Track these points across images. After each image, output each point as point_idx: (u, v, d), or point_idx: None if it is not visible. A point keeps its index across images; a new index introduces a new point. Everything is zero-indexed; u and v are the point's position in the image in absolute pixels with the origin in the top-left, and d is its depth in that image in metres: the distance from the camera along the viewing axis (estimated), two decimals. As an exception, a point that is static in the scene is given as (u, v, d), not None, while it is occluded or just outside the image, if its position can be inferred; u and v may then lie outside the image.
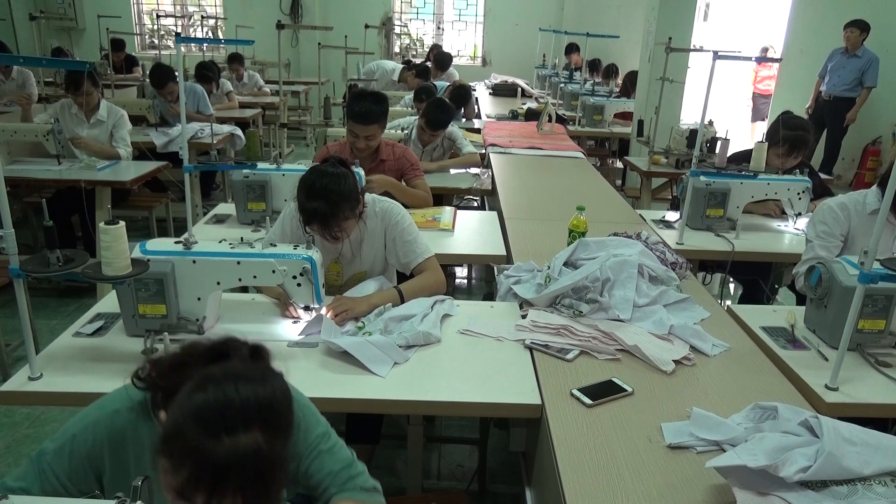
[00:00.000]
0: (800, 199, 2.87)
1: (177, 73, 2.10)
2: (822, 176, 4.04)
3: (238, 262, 1.78)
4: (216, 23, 9.93)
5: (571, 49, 8.03)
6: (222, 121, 5.58)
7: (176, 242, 1.81)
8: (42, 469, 1.15)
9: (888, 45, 6.66)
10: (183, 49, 2.47)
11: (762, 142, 3.03)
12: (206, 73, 6.06)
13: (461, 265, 4.41)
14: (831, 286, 1.87)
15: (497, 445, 2.57)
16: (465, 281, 4.47)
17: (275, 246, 1.82)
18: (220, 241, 1.86)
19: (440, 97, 4.28)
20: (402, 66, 7.03)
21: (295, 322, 1.93)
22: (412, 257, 2.15)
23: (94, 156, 3.86)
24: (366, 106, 2.82)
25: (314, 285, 1.79)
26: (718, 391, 1.66)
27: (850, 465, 1.21)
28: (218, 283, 1.81)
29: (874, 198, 2.31)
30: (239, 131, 5.16)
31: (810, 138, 3.15)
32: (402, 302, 2.02)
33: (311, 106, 8.73)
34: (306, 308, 1.87)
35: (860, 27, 6.36)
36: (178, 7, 10.60)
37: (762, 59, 4.72)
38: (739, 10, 10.44)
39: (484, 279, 4.35)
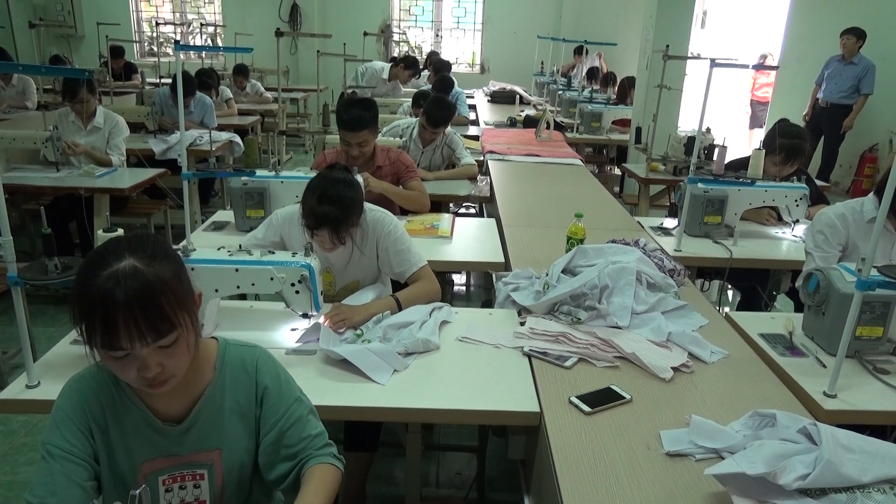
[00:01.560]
0: (797, 205, 2.88)
1: (177, 81, 2.10)
2: (820, 183, 4.06)
3: (236, 270, 1.78)
4: (215, 30, 9.96)
5: (581, 51, 8.04)
6: (221, 128, 5.59)
7: (174, 250, 1.80)
8: (49, 453, 1.16)
9: (884, 52, 6.69)
10: (182, 56, 2.48)
11: (759, 149, 3.05)
12: (206, 79, 6.07)
13: (459, 272, 4.40)
14: (829, 293, 1.87)
15: (496, 453, 2.57)
16: (464, 288, 4.47)
17: (273, 254, 1.82)
18: (218, 249, 1.86)
19: (439, 95, 4.29)
20: (390, 63, 7.06)
21: (294, 330, 1.93)
22: (406, 266, 2.16)
23: (91, 162, 3.86)
24: (354, 113, 2.83)
25: (312, 293, 1.79)
26: (717, 398, 1.66)
27: (849, 472, 1.21)
28: (216, 291, 1.81)
29: (871, 206, 2.32)
30: (238, 138, 5.17)
31: (807, 146, 3.16)
32: (400, 311, 2.02)
33: (309, 113, 8.75)
34: (304, 315, 1.86)
35: (856, 35, 6.40)
36: (178, 15, 10.64)
37: (759, 67, 4.74)
38: (737, 17, 10.49)
39: (482, 286, 4.35)
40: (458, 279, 4.50)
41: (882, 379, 1.77)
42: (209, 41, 9.65)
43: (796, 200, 2.87)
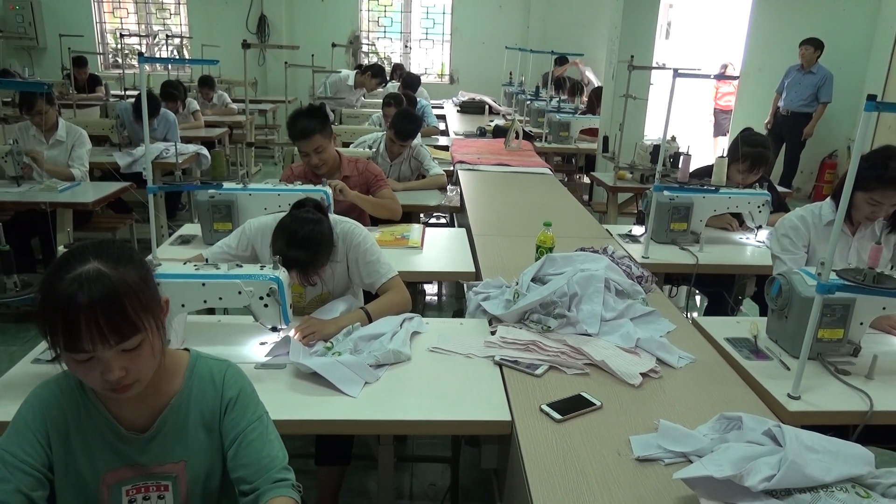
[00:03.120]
0: (760, 212, 2.94)
1: (140, 93, 2.08)
2: (782, 189, 4.15)
3: (203, 284, 1.76)
4: (181, 42, 9.85)
5: (563, 61, 8.11)
6: (188, 140, 5.52)
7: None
8: (1, 459, 1.14)
9: (841, 62, 6.90)
10: (148, 68, 2.45)
11: (723, 157, 3.11)
12: (172, 91, 6.00)
13: (431, 282, 4.40)
14: (791, 297, 1.92)
15: (469, 463, 2.56)
16: (436, 298, 4.46)
17: (240, 267, 1.80)
18: (184, 263, 1.83)
19: (406, 108, 4.31)
20: (355, 71, 7.06)
21: (262, 344, 1.91)
22: (376, 278, 2.16)
23: (53, 176, 3.78)
24: (301, 122, 2.85)
25: (281, 306, 1.78)
26: (685, 403, 1.69)
27: (813, 472, 1.24)
28: (183, 306, 1.78)
29: (829, 209, 2.38)
30: (205, 151, 5.11)
31: (770, 154, 3.23)
32: (370, 322, 2.02)
33: (278, 125, 8.70)
34: (274, 329, 1.84)
35: (814, 45, 6.59)
36: (143, 26, 10.50)
37: (721, 77, 4.84)
38: (700, 28, 10.73)
39: (454, 296, 4.36)
40: (430, 289, 4.50)
41: (843, 380, 1.81)
42: (175, 53, 9.56)
43: (759, 207, 2.94)
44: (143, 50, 10.03)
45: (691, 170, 3.46)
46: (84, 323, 1.02)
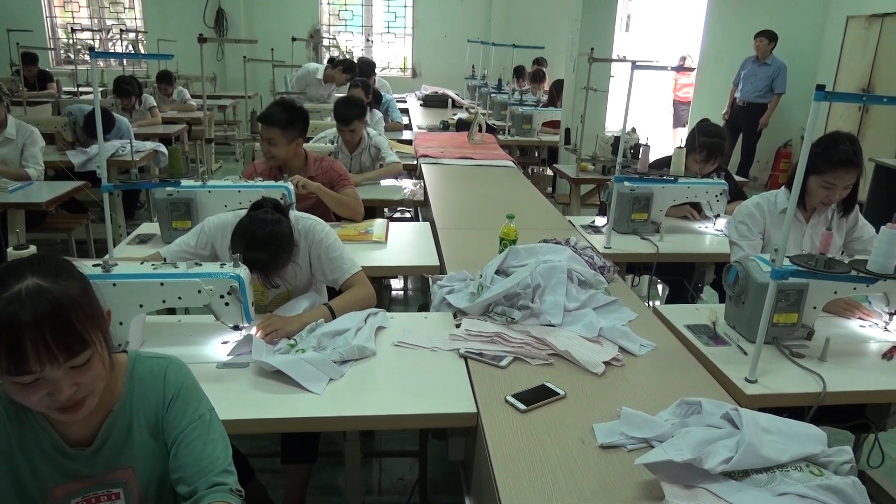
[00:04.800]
0: (718, 201, 3.01)
1: (91, 91, 2.03)
2: (739, 178, 4.25)
3: (161, 284, 1.72)
4: (136, 36, 9.62)
5: (521, 71, 8.15)
6: (145, 137, 5.40)
7: (94, 265, 1.73)
8: None
9: (793, 53, 7.09)
10: (102, 64, 2.38)
11: (681, 147, 3.17)
12: (126, 87, 5.87)
13: (396, 277, 4.39)
14: (747, 283, 1.96)
15: (437, 456, 2.57)
16: (402, 293, 4.46)
17: (200, 265, 1.77)
18: (141, 262, 1.80)
19: (347, 95, 4.30)
20: (325, 64, 6.97)
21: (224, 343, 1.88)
22: (339, 273, 2.14)
23: (4, 176, 3.66)
24: (271, 110, 2.88)
25: (243, 304, 1.76)
26: (646, 390, 1.72)
27: (769, 453, 1.27)
28: (141, 306, 1.74)
29: (784, 197, 2.44)
30: (163, 148, 5.00)
31: (726, 144, 3.30)
32: (334, 319, 2.00)
33: (239, 120, 8.57)
34: (235, 327, 1.82)
35: (769, 37, 6.76)
36: (96, 21, 10.21)
37: (678, 69, 4.94)
38: (659, 21, 10.88)
39: (420, 290, 4.36)
40: (396, 284, 4.49)
41: (798, 363, 1.86)
42: (130, 48, 9.32)
43: (716, 196, 3.00)
44: (97, 45, 9.77)
45: (651, 160, 3.52)
46: (30, 342, 0.97)
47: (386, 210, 3.92)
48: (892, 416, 2.10)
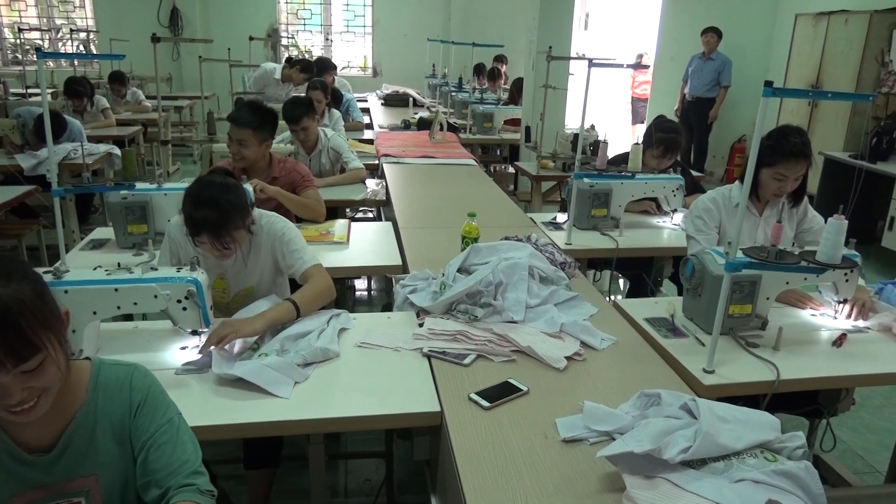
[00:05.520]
0: (675, 195, 3.06)
1: (40, 93, 1.97)
2: (696, 173, 4.33)
3: (116, 290, 1.69)
4: (88, 36, 9.36)
5: (481, 69, 8.17)
6: (99, 139, 5.26)
7: (45, 272, 1.68)
8: None
9: (745, 49, 7.33)
10: (52, 64, 2.31)
11: (637, 144, 3.22)
12: (77, 88, 5.71)
13: (359, 277, 4.37)
14: (703, 276, 2.01)
15: (403, 456, 2.57)
16: (366, 293, 4.44)
17: (155, 270, 1.73)
18: (94, 268, 1.75)
19: (295, 95, 4.27)
20: (283, 64, 6.88)
21: (183, 348, 1.85)
22: (299, 264, 2.12)
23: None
24: (242, 112, 2.84)
25: (201, 308, 1.73)
26: (608, 383, 1.74)
27: (725, 441, 1.30)
28: (95, 314, 1.70)
29: (738, 191, 2.50)
30: (117, 150, 4.88)
31: (682, 140, 3.37)
32: (298, 312, 1.96)
33: (196, 121, 8.41)
34: (194, 332, 1.79)
35: (716, 33, 7.03)
36: (45, 20, 9.91)
37: (634, 66, 5.00)
38: (617, 19, 11.04)
39: (384, 290, 4.34)
40: (360, 284, 4.47)
41: (752, 352, 1.91)
42: (81, 48, 9.06)
43: (673, 191, 3.06)
44: (46, 45, 9.48)
45: (610, 157, 3.57)
46: None
47: (348, 210, 3.89)
48: (842, 402, 2.18)
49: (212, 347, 1.75)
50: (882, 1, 5.70)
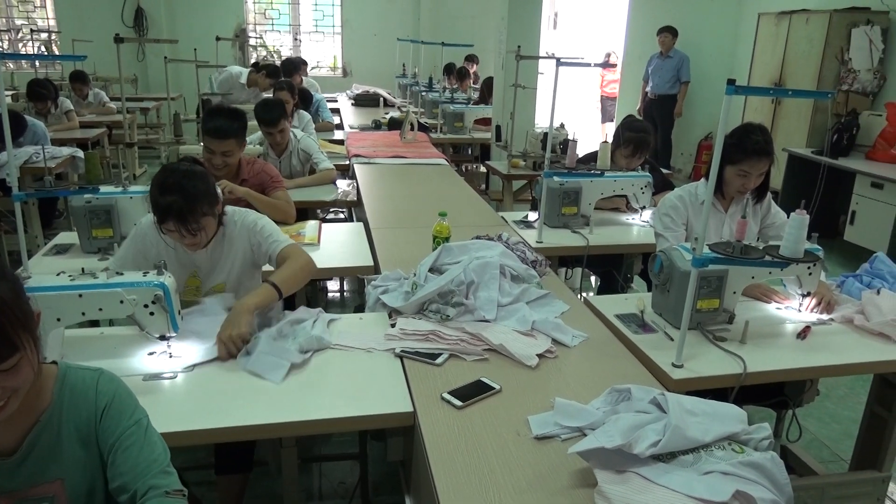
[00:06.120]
0: (643, 193, 3.10)
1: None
2: (664, 171, 4.39)
3: (80, 296, 1.65)
4: (49, 37, 9.15)
5: (451, 69, 8.15)
6: (62, 142, 5.15)
7: (5, 279, 1.64)
8: None
9: (713, 49, 7.49)
10: (12, 66, 2.26)
11: (605, 142, 3.25)
12: (40, 90, 5.58)
13: (331, 279, 4.35)
14: (672, 272, 2.03)
15: (378, 458, 2.56)
16: (338, 294, 4.41)
17: (121, 274, 1.70)
18: (58, 274, 1.71)
19: (266, 98, 4.22)
20: (249, 69, 6.80)
21: (151, 354, 1.82)
22: (275, 246, 2.11)
23: None
24: (220, 122, 2.78)
25: (169, 313, 1.70)
26: (579, 379, 1.76)
27: (694, 434, 1.32)
28: (58, 320, 1.66)
29: (704, 189, 2.54)
30: (81, 153, 4.78)
31: (651, 139, 3.41)
32: (280, 293, 1.95)
33: (163, 123, 8.28)
34: (162, 338, 1.76)
35: (671, 32, 7.23)
36: (4, 20, 9.66)
37: (601, 65, 5.07)
38: (586, 18, 11.14)
39: (357, 291, 4.32)
40: (332, 285, 4.44)
41: (720, 346, 1.94)
42: (42, 48, 8.87)
43: (642, 188, 3.10)
44: (5, 46, 9.25)
45: (580, 155, 3.60)
46: None
47: (319, 211, 3.86)
48: (807, 393, 2.23)
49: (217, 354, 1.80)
50: (841, 0, 5.84)
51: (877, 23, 5.62)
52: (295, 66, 6.69)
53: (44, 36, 9.13)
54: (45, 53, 8.58)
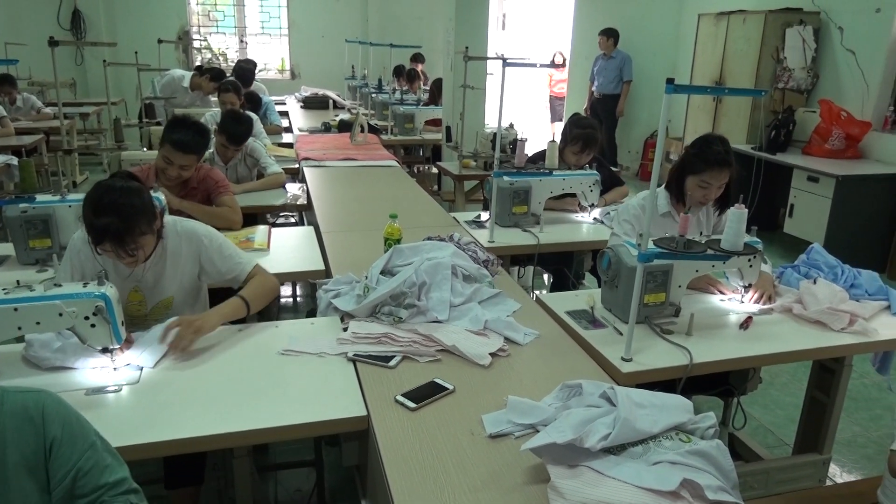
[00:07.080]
0: (591, 190, 3.15)
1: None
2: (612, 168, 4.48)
3: (15, 310, 1.59)
4: (-21, 40, 8.76)
5: (401, 70, 8.12)
6: (-5, 150, 4.94)
7: (-66, 294, 1.57)
8: None
9: (656, 49, 7.70)
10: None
11: (553, 141, 3.30)
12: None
13: (283, 284, 4.28)
14: (619, 268, 2.07)
15: (333, 464, 2.54)
16: (290, 299, 4.35)
17: (59, 286, 1.64)
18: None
19: (232, 109, 4.11)
20: (193, 72, 6.64)
21: (94, 368, 1.76)
22: (238, 270, 2.11)
23: None
24: (187, 136, 2.72)
25: (111, 324, 1.65)
26: (531, 377, 1.78)
27: (642, 426, 1.35)
28: (-8, 336, 1.60)
29: (664, 199, 2.55)
30: (15, 160, 4.60)
31: (598, 135, 3.46)
32: (248, 308, 2.00)
33: (104, 128, 8.02)
34: (105, 350, 1.70)
35: (607, 34, 7.49)
36: (-71, 23, 9.20)
37: (546, 65, 5.14)
38: (533, 19, 11.25)
39: (310, 295, 4.27)
40: (285, 291, 4.38)
41: (667, 339, 1.99)
42: (-27, 53, 8.47)
43: (590, 186, 3.15)
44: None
45: (529, 155, 3.64)
46: None
47: (268, 216, 3.81)
48: (751, 381, 2.31)
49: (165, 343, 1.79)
50: (776, 1, 6.05)
51: (809, 23, 5.85)
52: (249, 75, 6.44)
53: (-27, 39, 8.73)
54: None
